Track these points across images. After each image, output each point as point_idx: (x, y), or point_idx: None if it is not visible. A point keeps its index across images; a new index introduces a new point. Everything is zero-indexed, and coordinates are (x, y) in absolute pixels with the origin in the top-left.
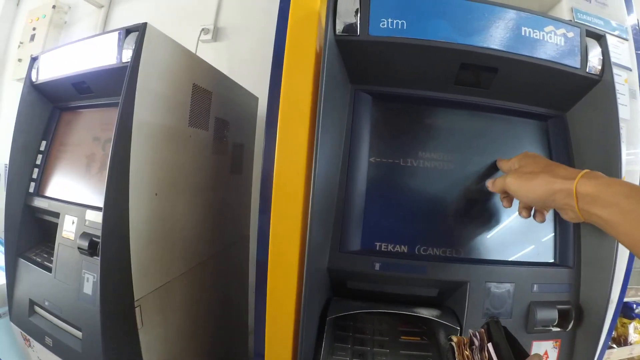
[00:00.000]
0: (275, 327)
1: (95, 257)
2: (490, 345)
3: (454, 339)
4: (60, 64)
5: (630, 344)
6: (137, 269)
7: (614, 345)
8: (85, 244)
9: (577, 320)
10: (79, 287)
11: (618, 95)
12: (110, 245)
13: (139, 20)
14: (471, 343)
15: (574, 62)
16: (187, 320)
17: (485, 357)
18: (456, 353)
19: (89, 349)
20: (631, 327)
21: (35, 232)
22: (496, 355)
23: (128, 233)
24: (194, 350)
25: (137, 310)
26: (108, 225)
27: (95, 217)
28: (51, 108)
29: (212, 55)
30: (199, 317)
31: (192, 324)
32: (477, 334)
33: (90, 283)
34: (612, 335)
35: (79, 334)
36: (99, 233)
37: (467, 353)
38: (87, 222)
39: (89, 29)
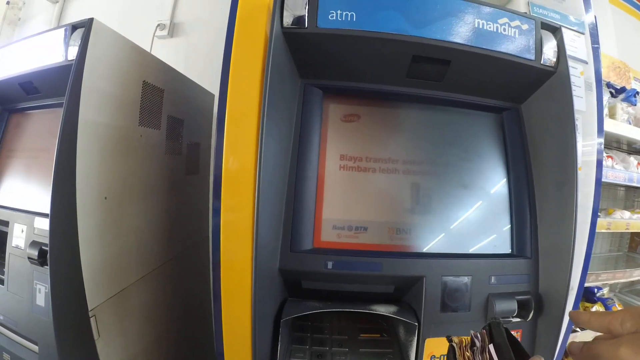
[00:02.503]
0: (232, 330)
1: (45, 266)
2: (491, 346)
3: (455, 339)
4: (6, 63)
5: None
6: (89, 277)
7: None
8: (34, 253)
9: (537, 309)
10: (32, 298)
11: (574, 88)
12: (59, 253)
13: (94, 14)
14: (472, 344)
15: (529, 54)
16: (148, 327)
17: (487, 358)
18: (457, 354)
19: None
20: (593, 310)
21: None
22: (497, 356)
23: (77, 240)
24: (159, 356)
25: (92, 320)
26: (56, 233)
27: (45, 224)
28: None
29: (169, 51)
30: (161, 323)
31: (154, 331)
32: (479, 334)
33: (42, 294)
34: None
35: (35, 347)
36: (48, 241)
37: (468, 354)
38: (36, 230)
39: (43, 25)
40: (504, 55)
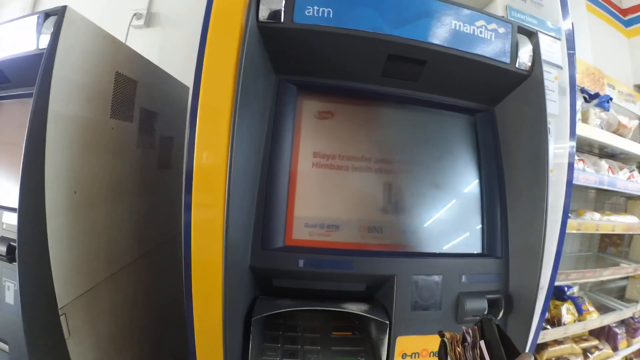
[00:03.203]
0: (204, 327)
1: (14, 263)
2: (482, 342)
3: (447, 335)
4: None
5: (564, 324)
6: (59, 274)
7: (548, 327)
8: (3, 249)
9: (507, 308)
10: (1, 296)
11: (548, 92)
12: (27, 249)
13: (70, 1)
14: (463, 340)
15: (504, 57)
16: (120, 324)
17: (477, 354)
18: (448, 349)
19: None
20: (564, 308)
21: None
22: (488, 353)
23: (46, 235)
24: (133, 356)
25: (62, 318)
26: (24, 228)
27: (13, 219)
28: None
29: (144, 42)
30: (134, 321)
31: (127, 329)
32: (470, 330)
33: (11, 292)
34: (546, 317)
35: (5, 347)
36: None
37: (459, 350)
38: (4, 225)
39: (19, 11)
40: (479, 57)
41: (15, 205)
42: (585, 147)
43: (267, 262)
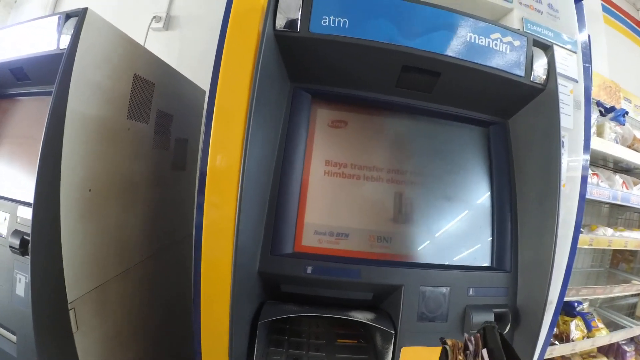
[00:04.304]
0: (210, 328)
1: (26, 256)
2: (485, 351)
3: (449, 342)
4: None
5: (573, 341)
6: (70, 269)
7: (557, 342)
8: (16, 242)
9: (514, 322)
10: (12, 288)
11: (562, 106)
12: (40, 244)
13: (91, 3)
14: (465, 347)
15: (519, 70)
16: (127, 322)
17: None
18: (450, 357)
19: (23, 353)
20: (573, 324)
21: None
22: None
23: (59, 231)
24: (137, 353)
25: (71, 313)
26: (38, 223)
27: (27, 213)
28: None
29: (163, 44)
30: (141, 319)
31: (134, 326)
32: (473, 338)
33: (22, 284)
34: (555, 332)
35: (13, 337)
36: (30, 231)
37: (461, 358)
38: (18, 219)
39: (39, 9)
40: (494, 70)
41: (30, 199)
42: (600, 162)
43: (275, 268)
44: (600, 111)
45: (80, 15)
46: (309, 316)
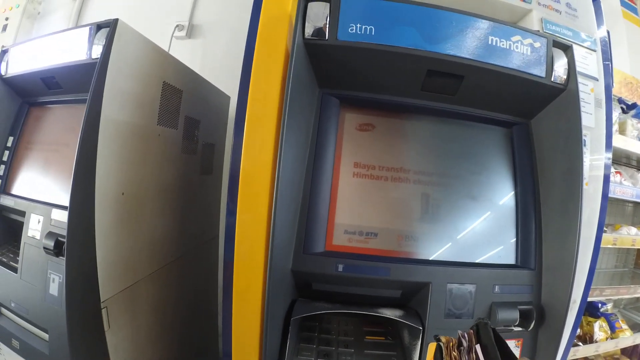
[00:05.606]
0: (242, 327)
1: (61, 257)
2: (478, 347)
3: (443, 339)
4: (30, 58)
5: (596, 342)
6: (103, 269)
7: (580, 343)
8: (50, 243)
9: (538, 320)
10: (45, 287)
11: (583, 104)
12: (75, 245)
13: (114, 13)
14: (459, 344)
15: (540, 71)
16: (155, 321)
17: (473, 358)
18: (444, 353)
19: (56, 351)
20: (596, 325)
21: (1, 231)
22: (484, 357)
23: (94, 233)
24: (163, 352)
25: (103, 311)
26: (73, 225)
27: (61, 216)
28: (20, 103)
29: (186, 52)
30: (168, 318)
31: (161, 325)
32: (466, 335)
33: (56, 284)
34: (578, 333)
35: (45, 335)
36: (64, 232)
37: (455, 354)
38: (52, 222)
39: (62, 20)
40: (515, 72)
41: (64, 203)
42: (623, 160)
43: (308, 266)
44: (622, 108)
45: (111, 25)
46: (338, 313)
